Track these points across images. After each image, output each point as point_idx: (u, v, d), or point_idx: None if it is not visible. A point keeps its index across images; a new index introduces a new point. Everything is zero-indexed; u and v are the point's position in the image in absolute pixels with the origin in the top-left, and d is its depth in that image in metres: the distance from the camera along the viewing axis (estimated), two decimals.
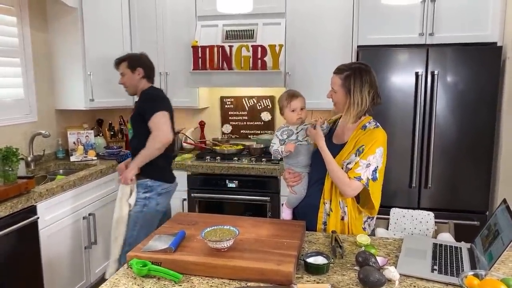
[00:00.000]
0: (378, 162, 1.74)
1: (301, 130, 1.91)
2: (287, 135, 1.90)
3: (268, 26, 3.16)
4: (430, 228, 2.27)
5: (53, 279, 2.51)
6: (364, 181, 1.71)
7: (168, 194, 2.62)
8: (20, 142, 2.97)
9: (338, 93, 1.80)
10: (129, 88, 2.63)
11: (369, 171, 1.71)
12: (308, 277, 1.39)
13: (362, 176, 1.70)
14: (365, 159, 1.72)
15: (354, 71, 1.76)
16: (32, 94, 3.12)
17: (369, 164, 1.71)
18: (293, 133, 1.90)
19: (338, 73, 1.80)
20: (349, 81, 1.75)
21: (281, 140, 1.91)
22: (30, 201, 2.29)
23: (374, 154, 1.72)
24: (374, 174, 1.73)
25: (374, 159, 1.72)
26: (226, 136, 3.72)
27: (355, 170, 1.71)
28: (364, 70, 1.77)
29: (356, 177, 1.70)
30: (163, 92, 2.71)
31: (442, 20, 2.78)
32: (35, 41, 3.12)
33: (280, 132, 1.93)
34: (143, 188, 2.47)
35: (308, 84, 3.10)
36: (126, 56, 2.64)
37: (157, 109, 2.41)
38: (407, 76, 2.76)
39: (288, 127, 1.92)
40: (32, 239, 2.35)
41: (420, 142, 2.80)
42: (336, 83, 1.80)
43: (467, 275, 1.23)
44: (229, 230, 1.51)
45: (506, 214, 1.43)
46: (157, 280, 1.36)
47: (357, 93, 1.74)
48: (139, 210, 2.46)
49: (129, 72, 2.57)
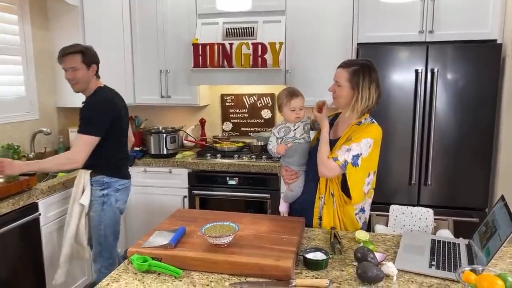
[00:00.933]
0: (362, 150, 1.72)
1: (298, 127, 1.91)
2: (284, 132, 1.91)
3: (268, 23, 3.17)
4: (430, 225, 2.28)
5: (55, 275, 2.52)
6: (341, 162, 1.69)
7: (126, 190, 2.50)
8: (22, 140, 2.99)
9: (344, 87, 1.78)
10: (80, 85, 2.36)
11: (349, 155, 1.70)
12: (307, 272, 1.40)
13: (339, 157, 1.70)
14: (348, 145, 1.72)
15: (362, 67, 1.76)
16: (34, 92, 3.13)
17: (349, 149, 1.71)
18: (291, 131, 1.91)
19: (345, 67, 1.78)
20: (357, 76, 1.74)
21: (278, 138, 1.91)
22: (31, 198, 2.31)
23: (358, 142, 1.72)
24: (355, 160, 1.70)
25: (358, 147, 1.71)
26: (226, 134, 3.74)
27: (335, 152, 1.73)
28: (372, 68, 1.77)
29: (333, 157, 1.71)
30: (113, 93, 2.51)
31: (442, 17, 2.78)
32: (36, 39, 3.13)
33: (277, 129, 1.93)
34: (99, 185, 2.35)
35: (308, 82, 3.10)
36: (80, 49, 2.34)
37: (89, 131, 2.24)
38: (407, 73, 2.76)
39: (286, 124, 1.93)
40: (34, 236, 2.37)
41: (420, 139, 2.81)
42: (342, 77, 1.77)
43: (464, 270, 1.25)
44: (229, 226, 1.53)
45: (504, 211, 1.44)
46: (158, 276, 1.37)
47: (366, 88, 1.74)
48: (99, 209, 2.36)
49: (84, 68, 2.32)
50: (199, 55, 3.14)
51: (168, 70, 3.41)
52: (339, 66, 1.83)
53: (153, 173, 3.27)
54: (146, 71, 3.47)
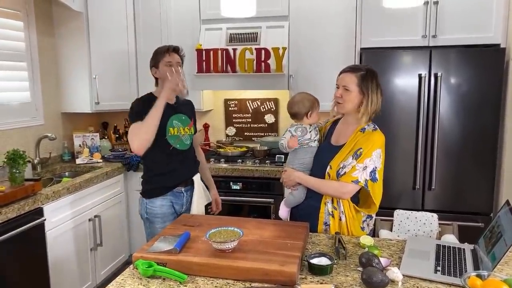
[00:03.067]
0: (376, 163, 1.76)
1: (312, 130, 1.95)
2: (301, 132, 1.93)
3: (271, 29, 3.18)
4: (434, 230, 2.27)
5: (59, 280, 2.53)
6: (362, 183, 1.74)
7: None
8: (27, 145, 3.01)
9: (352, 92, 1.79)
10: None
11: (366, 173, 1.74)
12: (311, 278, 1.40)
13: (360, 178, 1.74)
14: (361, 162, 1.75)
15: (369, 71, 1.80)
16: (39, 98, 3.16)
17: (365, 167, 1.75)
18: (307, 132, 1.94)
19: (353, 72, 1.80)
20: (366, 81, 1.77)
21: (293, 135, 1.93)
22: (37, 203, 2.32)
23: (370, 157, 1.75)
24: (374, 175, 1.76)
25: (371, 161, 1.75)
26: (230, 138, 3.74)
27: (352, 174, 1.75)
28: (376, 73, 1.82)
29: (354, 180, 1.74)
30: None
31: (445, 22, 2.79)
32: (41, 45, 3.16)
33: (294, 128, 1.96)
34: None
35: (312, 87, 3.09)
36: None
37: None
38: (410, 78, 2.76)
39: (302, 125, 1.95)
40: (39, 241, 2.37)
41: (424, 144, 2.80)
42: (352, 82, 1.79)
43: (470, 276, 1.24)
44: (233, 231, 1.53)
45: (509, 216, 1.44)
46: (163, 281, 1.38)
47: (374, 93, 1.78)
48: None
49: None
50: (202, 61, 3.15)
51: None
52: (344, 71, 1.84)
53: None
54: (150, 76, 3.45)
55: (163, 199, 2.25)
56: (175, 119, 2.24)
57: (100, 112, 3.47)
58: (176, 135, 2.24)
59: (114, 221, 3.15)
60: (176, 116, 2.26)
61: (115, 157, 3.39)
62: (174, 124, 2.23)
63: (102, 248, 2.96)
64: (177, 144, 2.24)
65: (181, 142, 2.27)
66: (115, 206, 3.16)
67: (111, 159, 3.38)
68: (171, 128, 2.22)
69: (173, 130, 2.23)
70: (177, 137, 2.24)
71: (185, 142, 2.29)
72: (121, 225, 3.27)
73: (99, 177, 2.91)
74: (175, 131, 2.23)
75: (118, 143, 3.73)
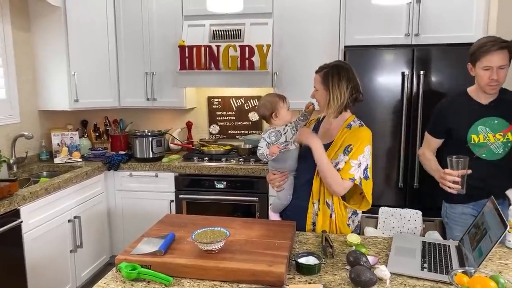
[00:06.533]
0: (368, 160, 1.78)
1: (287, 131, 1.90)
2: (275, 137, 1.89)
3: (255, 26, 3.15)
4: (418, 227, 2.30)
5: (37, 283, 2.45)
6: (358, 181, 1.75)
7: None
8: (2, 144, 2.90)
9: (319, 91, 1.84)
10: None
11: (360, 170, 1.75)
12: (299, 277, 1.38)
13: (356, 176, 1.74)
14: (355, 159, 1.74)
15: (331, 68, 1.81)
16: (14, 95, 3.04)
17: (360, 164, 1.75)
18: (281, 135, 1.89)
19: (319, 71, 1.86)
20: (327, 78, 1.79)
21: (269, 142, 1.89)
22: (13, 205, 2.23)
23: (363, 153, 1.75)
24: (366, 173, 1.77)
25: (364, 158, 1.76)
26: (213, 137, 3.70)
27: (349, 171, 1.73)
28: (342, 67, 1.82)
29: (351, 178, 1.74)
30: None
31: (428, 21, 2.81)
32: (17, 40, 3.05)
33: (268, 134, 1.91)
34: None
35: (296, 84, 3.10)
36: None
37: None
38: (393, 76, 2.78)
39: (275, 128, 1.91)
40: (15, 243, 2.29)
41: (406, 142, 2.83)
42: (317, 81, 1.85)
43: (457, 273, 1.25)
44: (220, 231, 1.50)
45: (493, 212, 1.46)
46: (147, 284, 1.34)
47: (336, 87, 1.78)
48: None
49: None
50: (185, 58, 3.10)
51: (154, 73, 3.36)
52: (315, 71, 1.88)
53: (139, 177, 3.21)
54: (131, 73, 3.41)
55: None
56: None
57: (80, 110, 3.37)
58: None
59: (94, 221, 3.07)
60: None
61: (95, 156, 3.30)
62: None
63: (83, 250, 2.88)
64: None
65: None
66: (95, 206, 3.08)
67: (91, 158, 3.29)
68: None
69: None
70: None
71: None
72: (102, 226, 3.19)
73: (79, 176, 2.83)
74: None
75: (98, 142, 3.64)
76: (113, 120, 3.70)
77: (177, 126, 3.68)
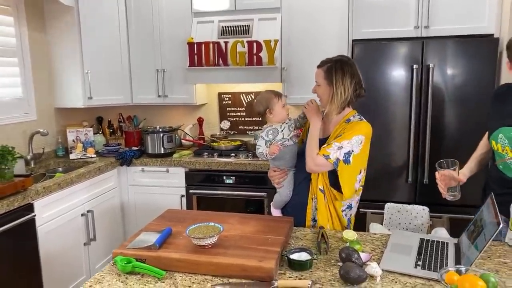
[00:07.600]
0: (354, 147, 1.73)
1: (284, 128, 1.90)
2: (273, 135, 1.90)
3: (263, 21, 3.15)
4: (425, 223, 2.25)
5: (52, 274, 2.55)
6: (332, 160, 1.71)
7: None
8: (20, 141, 3.01)
9: (322, 86, 1.82)
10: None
11: (341, 152, 1.71)
12: (290, 273, 1.39)
13: (331, 155, 1.71)
14: (338, 142, 1.73)
15: (335, 63, 1.79)
16: (31, 93, 3.16)
17: (341, 147, 1.72)
18: (279, 132, 1.89)
19: (321, 66, 1.84)
20: (330, 72, 1.77)
21: (267, 141, 1.90)
22: (26, 199, 2.33)
23: (349, 139, 1.73)
24: (347, 157, 1.72)
25: (349, 144, 1.72)
26: (224, 132, 3.73)
27: (326, 149, 1.73)
28: (345, 62, 1.79)
29: (324, 154, 1.72)
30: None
31: (438, 12, 2.74)
32: (32, 40, 3.15)
33: (265, 132, 1.92)
34: None
35: (304, 79, 3.08)
36: None
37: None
38: (402, 69, 2.73)
39: (272, 126, 1.92)
40: (30, 236, 2.39)
41: (416, 136, 2.77)
42: (319, 76, 1.83)
43: (448, 271, 1.23)
44: (214, 226, 1.52)
45: (491, 209, 1.42)
46: (141, 277, 1.38)
47: (340, 83, 1.76)
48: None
49: None
50: (194, 54, 3.13)
51: (165, 69, 3.41)
52: (317, 66, 1.86)
53: (150, 172, 3.28)
54: (142, 70, 3.48)
55: None
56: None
57: (95, 107, 3.46)
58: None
59: (108, 215, 3.16)
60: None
61: (109, 152, 3.39)
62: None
63: (96, 243, 2.97)
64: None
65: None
66: (109, 200, 3.17)
67: (105, 153, 3.38)
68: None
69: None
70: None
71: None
72: (116, 220, 3.28)
73: (92, 172, 2.92)
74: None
75: (112, 138, 3.73)
76: (127, 116, 3.79)
77: (189, 122, 3.73)
